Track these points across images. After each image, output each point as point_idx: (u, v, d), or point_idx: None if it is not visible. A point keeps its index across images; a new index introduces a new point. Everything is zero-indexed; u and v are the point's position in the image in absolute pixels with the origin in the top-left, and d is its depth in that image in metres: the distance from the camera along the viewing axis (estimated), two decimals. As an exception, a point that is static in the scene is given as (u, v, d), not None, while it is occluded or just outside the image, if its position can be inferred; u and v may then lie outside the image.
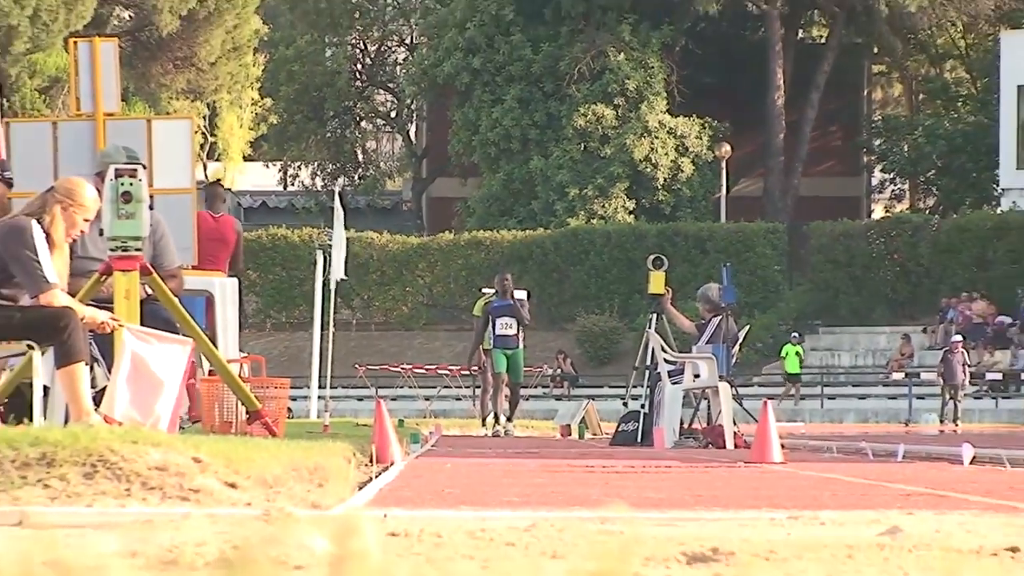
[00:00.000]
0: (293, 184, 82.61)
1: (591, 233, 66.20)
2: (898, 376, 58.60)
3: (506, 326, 32.14)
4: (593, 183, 69.23)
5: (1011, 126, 68.10)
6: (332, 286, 32.79)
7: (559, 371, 58.32)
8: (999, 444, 19.43)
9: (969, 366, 55.21)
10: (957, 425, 45.93)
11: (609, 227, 66.98)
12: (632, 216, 68.89)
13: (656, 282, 24.34)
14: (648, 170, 69.72)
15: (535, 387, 53.21)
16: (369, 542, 2.58)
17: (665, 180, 70.09)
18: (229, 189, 79.65)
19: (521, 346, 32.98)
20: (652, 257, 25.51)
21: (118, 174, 14.22)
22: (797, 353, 58.25)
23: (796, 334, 59.33)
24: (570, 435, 29.68)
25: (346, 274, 33.48)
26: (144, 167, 15.03)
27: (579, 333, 61.41)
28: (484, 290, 35.59)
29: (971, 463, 15.74)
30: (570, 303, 62.55)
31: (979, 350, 57.56)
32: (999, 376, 55.95)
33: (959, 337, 54.19)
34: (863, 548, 5.63)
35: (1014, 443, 20.99)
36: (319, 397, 33.21)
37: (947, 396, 51.86)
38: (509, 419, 32.62)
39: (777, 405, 56.88)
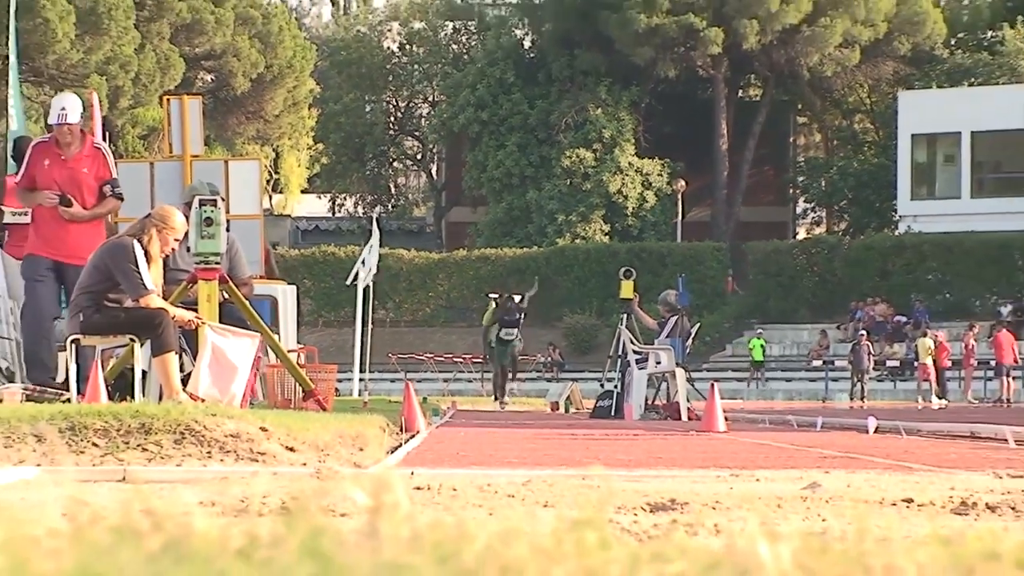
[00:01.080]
0: (340, 211, 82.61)
1: (575, 250, 66.17)
2: (817, 363, 58.48)
3: (508, 334, 34.79)
4: (576, 211, 69.19)
5: (906, 166, 68.21)
6: (360, 289, 32.85)
7: (550, 359, 58.22)
8: (897, 417, 19.39)
9: (873, 355, 55.13)
10: (863, 402, 45.75)
11: (589, 246, 66.95)
12: (607, 237, 68.88)
13: (626, 289, 24.33)
14: (620, 201, 69.71)
15: (530, 371, 53.28)
16: (399, 495, 2.57)
17: (633, 209, 70.07)
18: (289, 216, 79.74)
19: (517, 341, 35.46)
20: (623, 269, 25.49)
21: (201, 203, 14.20)
22: (761, 345, 58.38)
23: (760, 330, 59.49)
24: (558, 410, 29.56)
25: (369, 274, 33.46)
26: (222, 198, 15.00)
27: (565, 329, 61.31)
28: (490, 295, 36.30)
29: (875, 432, 15.71)
30: (558, 306, 62.31)
31: (881, 343, 57.42)
32: (897, 363, 55.85)
33: (864, 332, 54.30)
34: (789, 499, 5.63)
35: (908, 417, 20.97)
36: (360, 379, 33.06)
37: (855, 379, 51.72)
38: (501, 395, 34.76)
39: (748, 386, 57.08)
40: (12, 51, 22.30)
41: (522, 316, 35.74)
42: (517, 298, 36.39)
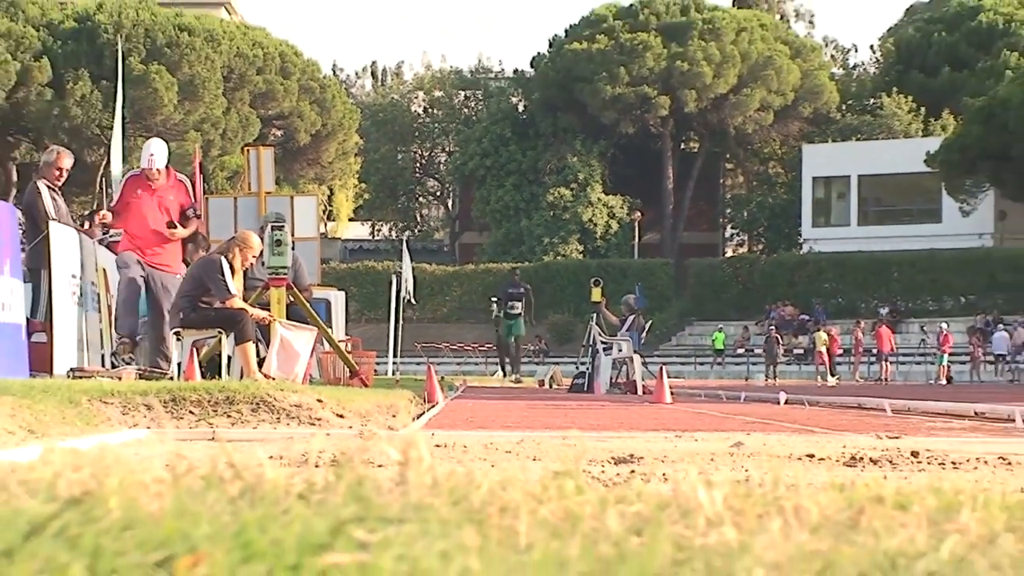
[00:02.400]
0: (378, 235, 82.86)
1: (556, 265, 66.28)
2: (740, 351, 58.51)
3: (514, 307, 31.65)
4: (558, 235, 69.42)
5: (809, 201, 68.66)
6: (404, 301, 33.33)
7: (537, 348, 58.22)
8: (801, 392, 19.37)
9: (782, 345, 55.19)
10: (776, 381, 45.74)
11: (567, 261, 67.09)
12: (581, 255, 69.06)
13: (595, 294, 24.34)
14: (591, 227, 69.93)
15: (523, 357, 53.51)
16: (423, 451, 2.55)
17: (601, 233, 70.28)
18: (339, 238, 79.79)
19: (523, 318, 32.28)
20: (593, 279, 25.54)
21: (273, 228, 14.19)
22: (723, 338, 58.52)
23: (721, 325, 59.59)
24: (544, 386, 29.53)
25: (412, 293, 33.96)
26: (289, 224, 15.03)
27: (549, 325, 61.22)
28: (491, 299, 34.88)
29: (784, 403, 15.70)
30: (544, 307, 62.12)
31: (789, 336, 57.46)
32: (801, 351, 55.89)
33: (773, 327, 54.41)
34: (720, 455, 5.62)
35: (810, 392, 20.93)
36: (393, 363, 33.12)
37: (768, 363, 51.81)
38: (514, 373, 32.22)
39: (712, 368, 57.07)
40: (118, 111, 22.29)
41: (527, 292, 32.57)
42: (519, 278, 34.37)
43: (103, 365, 12.57)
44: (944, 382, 46.38)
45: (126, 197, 12.72)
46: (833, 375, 48.53)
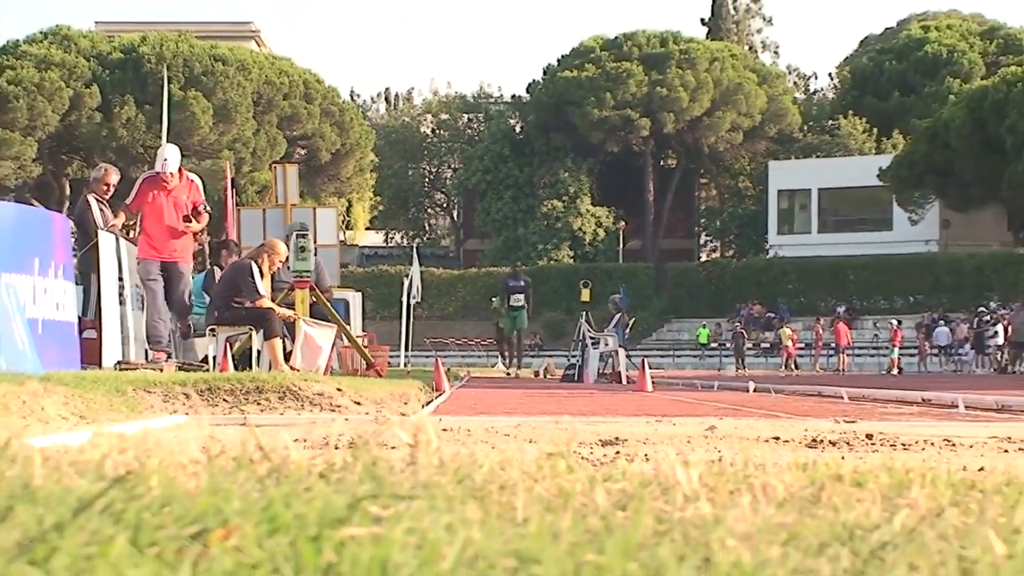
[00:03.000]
0: (391, 242, 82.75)
1: (550, 269, 66.17)
2: (714, 345, 58.51)
3: (517, 300, 29.29)
4: (551, 242, 69.47)
5: (774, 212, 68.73)
6: (413, 301, 33.16)
7: (533, 343, 58.30)
8: (767, 382, 19.42)
9: (750, 340, 55.25)
10: (745, 371, 45.77)
11: (560, 265, 67.05)
12: (572, 260, 69.04)
13: (585, 295, 24.36)
14: (580, 235, 69.99)
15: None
16: (431, 435, 2.54)
17: (589, 240, 70.34)
18: (357, 245, 79.82)
19: (526, 311, 29.97)
20: (583, 281, 25.53)
21: (297, 236, 14.19)
22: (708, 333, 58.49)
23: (704, 322, 59.58)
24: (539, 376, 29.53)
25: (419, 294, 33.84)
26: (312, 233, 15.03)
27: (543, 322, 61.12)
28: (492, 299, 34.07)
29: (753, 392, 15.71)
30: (539, 306, 62.04)
31: (757, 332, 57.53)
32: (768, 345, 55.88)
33: (739, 323, 54.50)
34: (695, 437, 5.61)
35: (775, 381, 20.95)
36: (404, 356, 33.13)
37: (738, 356, 51.86)
38: (517, 366, 30.37)
39: (698, 360, 57.03)
40: (164, 133, 22.32)
41: (528, 285, 30.47)
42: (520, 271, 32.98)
43: (146, 359, 12.56)
44: (895, 372, 46.38)
45: (141, 197, 12.63)
46: (796, 368, 48.67)
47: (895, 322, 52.35)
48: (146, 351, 12.57)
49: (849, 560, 1.47)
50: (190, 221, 12.69)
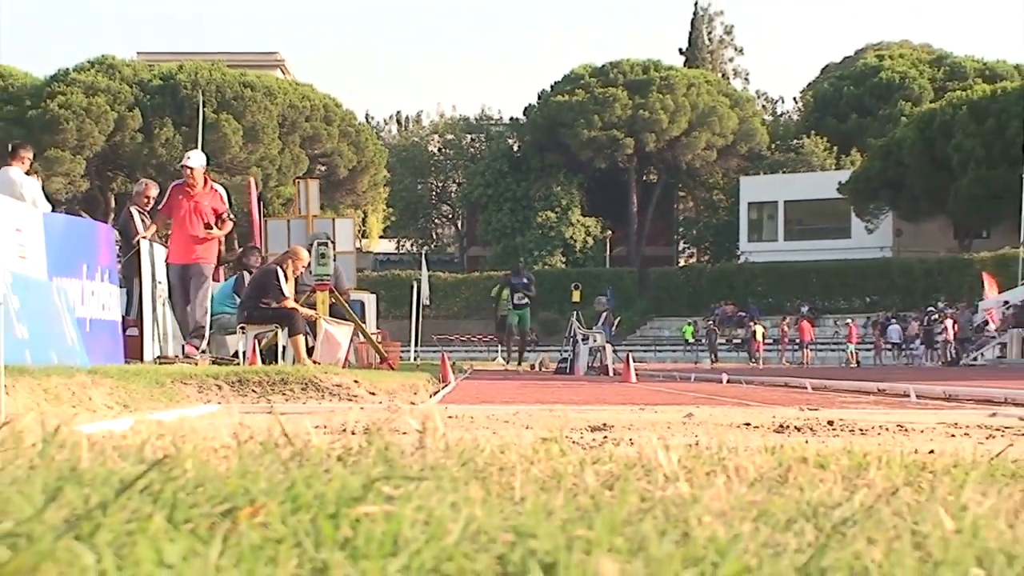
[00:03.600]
0: (402, 249, 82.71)
1: (544, 273, 65.51)
2: (691, 341, 58.48)
3: (520, 297, 27.32)
4: (545, 249, 69.38)
5: (745, 222, 68.76)
6: (422, 302, 33.17)
7: (531, 339, 58.19)
8: (739, 374, 19.41)
9: (723, 336, 55.23)
10: (718, 364, 45.79)
11: (553, 270, 66.73)
12: (564, 265, 68.95)
13: (575, 296, 24.38)
14: (572, 243, 69.91)
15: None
16: (438, 422, 2.53)
17: (580, 248, 70.26)
18: (371, 252, 79.75)
19: (528, 308, 28.06)
20: (573, 284, 25.57)
21: (318, 244, 14.20)
22: (691, 331, 58.25)
23: (689, 320, 59.37)
24: (535, 370, 29.56)
25: (428, 298, 33.85)
26: (331, 241, 15.00)
27: (539, 321, 61.28)
28: (493, 290, 31.42)
29: (726, 383, 15.70)
30: (534, 306, 62.76)
31: (730, 329, 57.45)
32: (739, 341, 55.83)
33: (712, 322, 54.52)
34: (675, 423, 5.61)
35: (746, 373, 20.96)
36: (414, 351, 33.14)
37: (711, 350, 51.86)
38: (519, 362, 28.19)
39: (683, 356, 56.75)
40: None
41: (531, 283, 28.55)
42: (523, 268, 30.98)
43: (182, 353, 12.55)
44: (853, 365, 46.40)
45: (171, 202, 12.60)
46: (753, 360, 48.83)
47: (850, 321, 52.50)
48: (182, 347, 12.56)
49: (813, 535, 1.46)
50: (211, 228, 12.63)
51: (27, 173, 12.00)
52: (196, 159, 12.80)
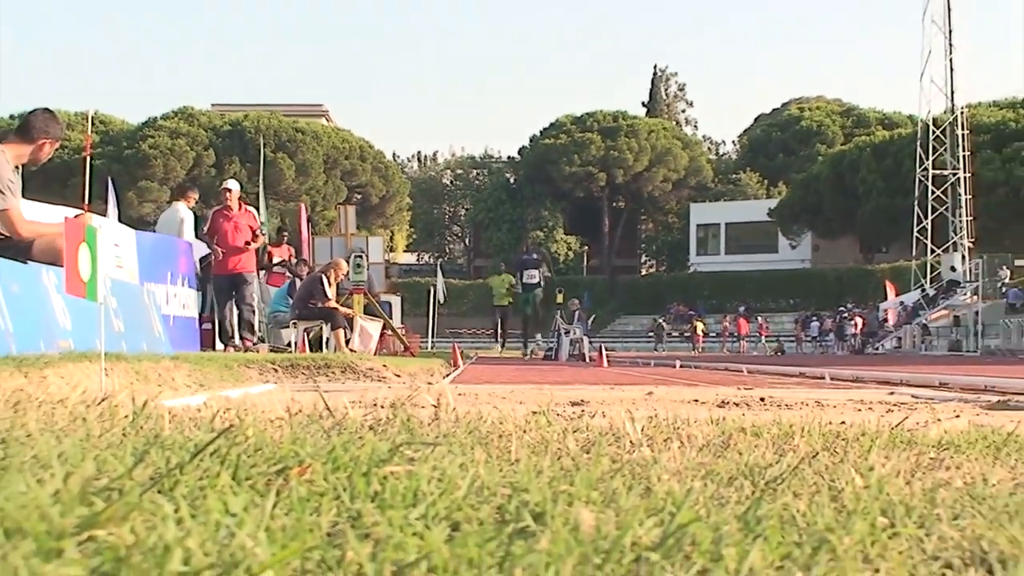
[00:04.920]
0: (422, 260, 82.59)
1: (535, 279, 66.26)
2: (652, 334, 58.41)
3: (530, 276, 22.40)
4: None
5: (694, 239, 68.82)
6: (438, 302, 33.09)
7: (540, 314, 57.68)
8: (688, 360, 19.40)
9: (675, 330, 55.11)
10: (664, 350, 45.75)
11: (541, 277, 67.02)
12: (549, 274, 68.80)
13: (559, 298, 24.33)
14: (557, 256, 69.70)
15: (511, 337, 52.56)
16: (449, 398, 2.51)
17: (563, 260, 70.13)
18: (397, 263, 79.55)
19: (539, 291, 22.76)
20: (557, 288, 25.56)
21: (355, 256, 14.19)
22: (703, 327, 57.03)
23: (654, 317, 58.94)
24: (526, 357, 29.49)
25: (444, 297, 33.76)
26: (365, 254, 14.99)
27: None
28: (492, 279, 27.88)
29: (679, 367, 15.68)
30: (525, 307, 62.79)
31: (680, 325, 57.38)
32: (689, 334, 55.78)
33: (663, 319, 54.50)
34: (639, 400, 5.58)
35: (694, 359, 20.93)
36: (431, 342, 33.12)
37: (657, 340, 51.86)
38: (525, 348, 25.04)
39: (646, 346, 56.39)
40: (260, 183, 22.30)
41: (543, 258, 23.60)
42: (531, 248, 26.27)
43: (244, 343, 12.52)
44: (779, 354, 46.39)
45: (213, 225, 12.32)
46: (695, 349, 48.89)
47: (759, 317, 52.76)
48: (242, 337, 12.52)
49: (750, 489, 1.45)
50: (249, 243, 12.47)
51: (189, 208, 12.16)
52: (234, 185, 12.69)
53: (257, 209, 14.44)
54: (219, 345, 11.97)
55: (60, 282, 5.58)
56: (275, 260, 15.18)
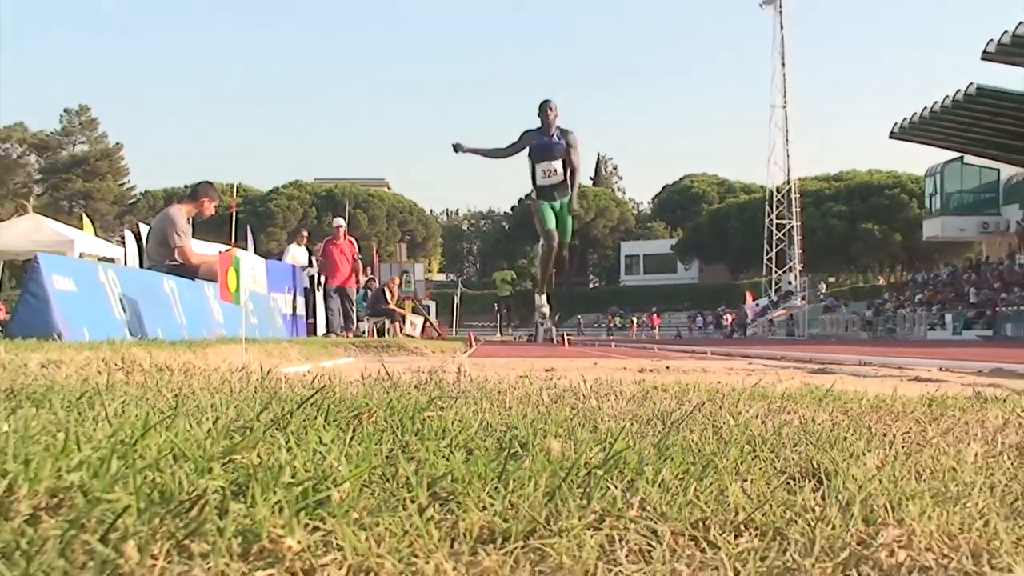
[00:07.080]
0: (449, 278, 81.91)
1: (521, 293, 65.76)
2: (597, 325, 58.05)
3: (549, 172, 7.76)
4: (524, 283, 68.99)
5: (623, 265, 68.48)
6: (458, 304, 32.74)
7: (512, 324, 57.41)
8: (623, 343, 19.25)
9: (612, 324, 54.69)
10: (612, 339, 45.44)
11: (525, 292, 66.28)
12: (528, 288, 68.40)
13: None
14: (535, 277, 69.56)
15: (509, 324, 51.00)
16: (467, 367, 2.49)
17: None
18: (432, 279, 78.64)
19: (567, 197, 8.27)
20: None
21: (405, 275, 14.13)
22: (635, 321, 53.91)
23: (602, 314, 58.40)
24: (515, 340, 28.95)
25: (461, 300, 33.35)
26: (412, 273, 14.91)
27: (519, 315, 60.91)
28: (491, 275, 26.53)
29: (614, 347, 15.58)
30: (520, 306, 62.55)
31: (615, 320, 57.05)
32: (620, 326, 55.49)
33: (609, 315, 54.04)
34: (589, 367, 5.53)
35: (628, 343, 20.79)
36: (455, 330, 32.80)
37: (609, 330, 51.54)
38: (547, 333, 12.89)
39: (596, 332, 55.52)
40: (346, 230, 21.81)
41: (570, 147, 7.58)
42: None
43: (336, 333, 12.43)
44: (679, 337, 46.20)
45: (325, 251, 11.92)
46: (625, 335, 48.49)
47: (654, 311, 52.82)
48: (346, 328, 12.43)
49: (661, 427, 1.44)
50: (352, 267, 12.35)
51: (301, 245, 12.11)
52: (341, 221, 12.64)
53: None
54: (319, 331, 11.85)
55: (216, 292, 5.60)
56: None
